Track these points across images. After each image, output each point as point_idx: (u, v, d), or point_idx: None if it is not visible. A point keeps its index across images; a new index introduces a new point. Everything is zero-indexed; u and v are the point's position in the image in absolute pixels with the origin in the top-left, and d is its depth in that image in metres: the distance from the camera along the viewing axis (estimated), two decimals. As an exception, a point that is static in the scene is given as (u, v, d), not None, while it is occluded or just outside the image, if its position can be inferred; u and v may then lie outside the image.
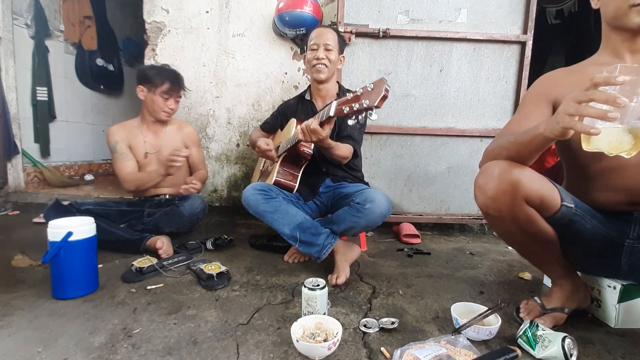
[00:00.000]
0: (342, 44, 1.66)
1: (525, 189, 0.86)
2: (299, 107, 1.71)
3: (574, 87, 0.93)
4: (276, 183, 1.48)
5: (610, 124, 0.65)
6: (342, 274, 1.28)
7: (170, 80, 1.76)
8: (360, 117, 1.07)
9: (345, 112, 1.09)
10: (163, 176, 1.71)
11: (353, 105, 1.06)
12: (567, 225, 0.94)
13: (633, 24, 0.88)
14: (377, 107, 1.02)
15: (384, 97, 1.01)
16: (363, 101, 1.04)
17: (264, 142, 1.53)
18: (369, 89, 1.04)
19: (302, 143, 1.42)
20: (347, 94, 1.10)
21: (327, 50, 1.57)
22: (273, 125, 1.80)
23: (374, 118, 1.04)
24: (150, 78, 1.73)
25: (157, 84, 1.73)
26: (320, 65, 1.56)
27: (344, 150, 1.45)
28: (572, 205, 0.92)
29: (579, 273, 1.08)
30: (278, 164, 1.50)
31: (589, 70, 0.98)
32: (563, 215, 0.92)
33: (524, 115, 1.01)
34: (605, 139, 0.68)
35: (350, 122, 1.09)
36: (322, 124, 1.22)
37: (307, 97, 1.70)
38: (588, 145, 0.70)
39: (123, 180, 1.73)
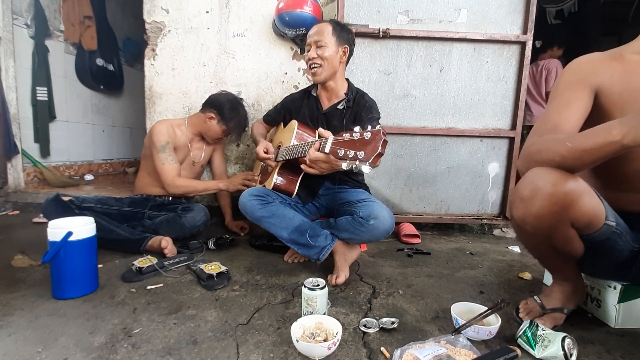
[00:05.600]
0: (343, 33, 1.51)
1: (577, 213, 0.78)
2: (304, 102, 1.67)
3: (619, 76, 0.87)
4: (275, 188, 1.47)
5: None
6: (342, 274, 1.28)
7: (239, 132, 1.92)
8: (354, 166, 0.99)
9: (340, 155, 1.02)
10: (220, 190, 1.78)
11: (348, 152, 0.99)
12: (602, 242, 0.87)
13: None
14: (371, 165, 0.94)
15: (380, 155, 0.93)
16: (358, 153, 0.96)
17: (263, 149, 1.51)
18: (366, 138, 0.96)
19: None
20: (344, 134, 1.02)
21: (318, 47, 1.48)
22: (275, 119, 1.78)
23: (366, 171, 0.97)
24: (226, 116, 1.79)
25: (228, 123, 1.81)
26: (313, 67, 1.50)
27: None
28: (614, 223, 0.85)
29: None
30: (277, 168, 1.50)
31: (632, 59, 0.90)
32: (602, 234, 0.85)
33: (563, 105, 0.90)
34: None
35: (344, 165, 1.01)
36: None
37: (314, 93, 1.64)
38: None
39: (169, 184, 1.70)
